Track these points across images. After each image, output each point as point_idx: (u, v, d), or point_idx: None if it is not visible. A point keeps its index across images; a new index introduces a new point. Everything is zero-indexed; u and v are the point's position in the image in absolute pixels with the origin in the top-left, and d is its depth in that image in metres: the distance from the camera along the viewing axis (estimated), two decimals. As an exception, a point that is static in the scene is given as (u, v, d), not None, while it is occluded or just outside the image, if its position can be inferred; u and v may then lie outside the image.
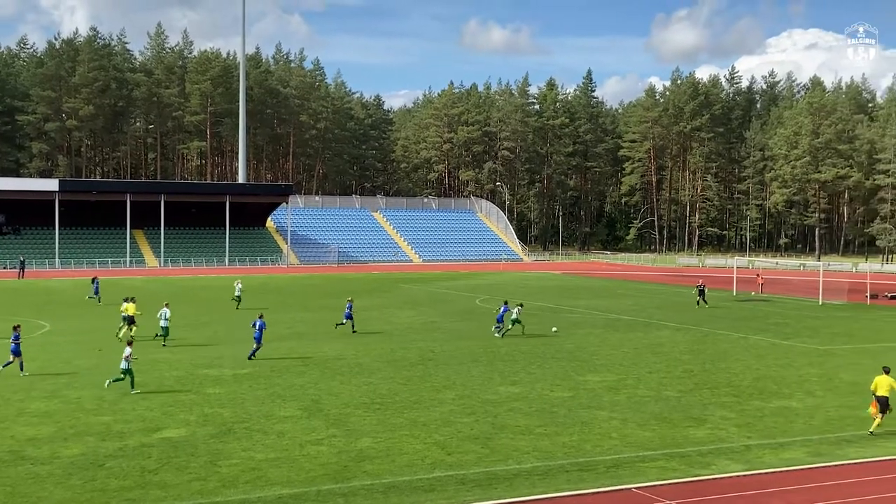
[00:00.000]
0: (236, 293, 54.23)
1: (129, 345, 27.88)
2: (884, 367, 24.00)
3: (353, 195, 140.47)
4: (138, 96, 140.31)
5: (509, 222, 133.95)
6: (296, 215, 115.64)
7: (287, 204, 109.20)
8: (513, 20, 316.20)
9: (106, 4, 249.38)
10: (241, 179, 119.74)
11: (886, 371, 23.48)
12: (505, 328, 41.15)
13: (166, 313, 37.99)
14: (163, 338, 37.62)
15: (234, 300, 53.77)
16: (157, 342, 37.67)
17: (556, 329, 43.41)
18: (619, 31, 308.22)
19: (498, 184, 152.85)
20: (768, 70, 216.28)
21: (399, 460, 20.18)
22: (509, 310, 42.26)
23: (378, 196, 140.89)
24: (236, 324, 45.21)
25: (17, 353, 30.26)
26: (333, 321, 46.56)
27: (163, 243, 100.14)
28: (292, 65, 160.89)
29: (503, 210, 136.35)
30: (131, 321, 38.55)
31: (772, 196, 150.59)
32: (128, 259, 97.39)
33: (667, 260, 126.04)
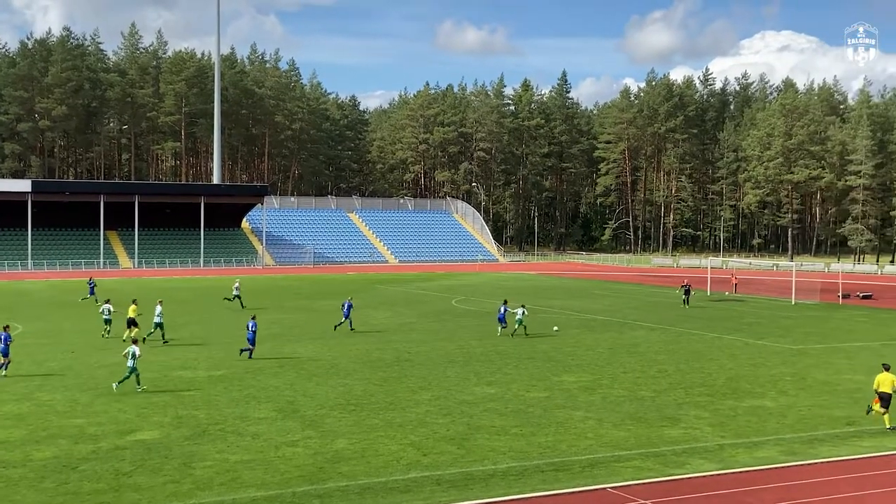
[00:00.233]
0: (234, 293, 54.76)
1: (135, 343, 28.22)
2: (883, 364, 24.33)
3: (329, 196, 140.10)
4: (112, 97, 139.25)
5: (485, 223, 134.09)
6: (271, 216, 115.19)
7: (262, 205, 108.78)
8: (488, 21, 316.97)
9: (79, 4, 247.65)
10: (215, 180, 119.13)
11: (886, 368, 23.86)
12: (512, 329, 41.58)
13: (159, 310, 38.76)
14: (160, 337, 38.18)
15: (232, 299, 54.21)
16: (152, 342, 37.63)
17: (557, 329, 43.75)
18: (594, 33, 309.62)
19: (474, 184, 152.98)
20: (742, 72, 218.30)
21: (375, 461, 20.14)
22: (509, 309, 42.64)
23: (354, 197, 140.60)
24: (211, 325, 44.99)
25: (6, 353, 30.17)
26: (309, 323, 46.45)
27: (137, 244, 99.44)
28: (267, 65, 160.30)
29: (479, 211, 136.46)
30: (132, 323, 38.77)
31: (745, 197, 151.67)
32: (101, 260, 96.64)
33: (642, 260, 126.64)
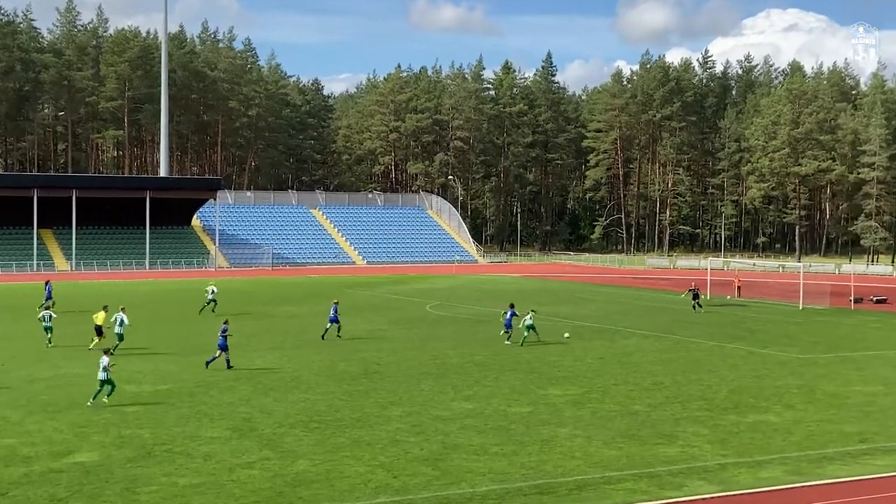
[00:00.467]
0: (209, 297, 54.79)
1: (106, 354, 28.46)
2: None
3: (289, 190, 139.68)
4: (46, 79, 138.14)
5: (462, 220, 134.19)
6: (225, 213, 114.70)
7: (215, 200, 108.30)
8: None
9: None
10: (163, 173, 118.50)
11: None
12: (522, 336, 41.78)
13: (122, 318, 38.80)
14: (115, 344, 37.99)
15: (207, 304, 54.26)
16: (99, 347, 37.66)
17: (567, 335, 44.05)
18: (582, 10, 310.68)
19: (450, 177, 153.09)
20: (744, 54, 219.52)
21: (339, 484, 20.09)
22: (516, 314, 42.91)
23: (317, 191, 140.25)
24: (158, 334, 44.77)
25: None
26: (267, 331, 46.28)
27: (74, 244, 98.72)
28: (220, 45, 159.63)
29: (456, 206, 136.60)
30: (99, 332, 38.89)
31: (748, 191, 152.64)
32: (35, 262, 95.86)
33: (635, 261, 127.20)
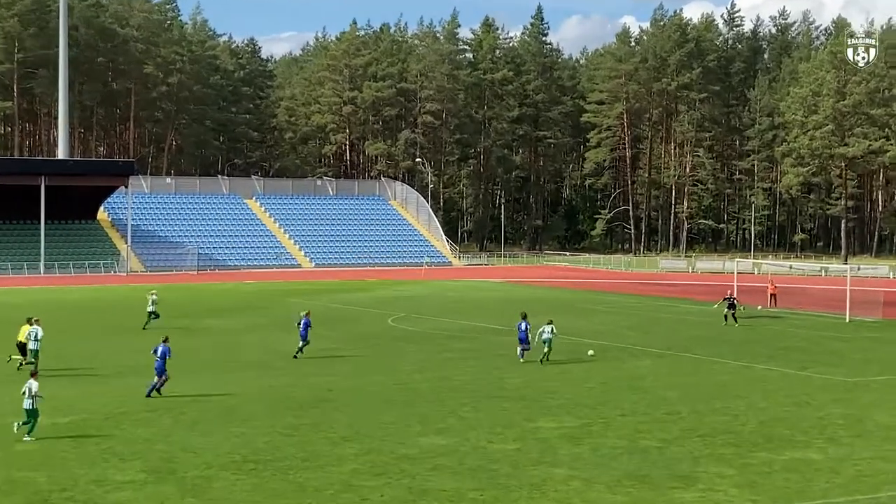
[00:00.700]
0: (150, 307, 55.28)
1: (33, 376, 28.50)
2: None
3: (219, 176, 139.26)
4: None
5: (433, 213, 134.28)
6: (139, 203, 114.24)
7: (126, 188, 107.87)
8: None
9: None
10: (61, 155, 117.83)
11: None
12: (540, 351, 42.50)
13: (37, 332, 39.45)
14: (32, 363, 38.25)
15: (149, 315, 54.85)
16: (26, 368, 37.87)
17: (592, 353, 44.67)
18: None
19: (418, 160, 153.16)
20: (779, 9, 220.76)
21: (282, 540, 20.06)
22: (530, 325, 43.39)
23: (254, 177, 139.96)
24: (57, 354, 44.43)
25: None
26: (191, 350, 46.05)
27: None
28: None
29: (425, 196, 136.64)
30: (24, 350, 39.78)
31: (784, 177, 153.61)
32: None
33: (645, 263, 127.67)
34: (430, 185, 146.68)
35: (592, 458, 26.41)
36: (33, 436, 27.90)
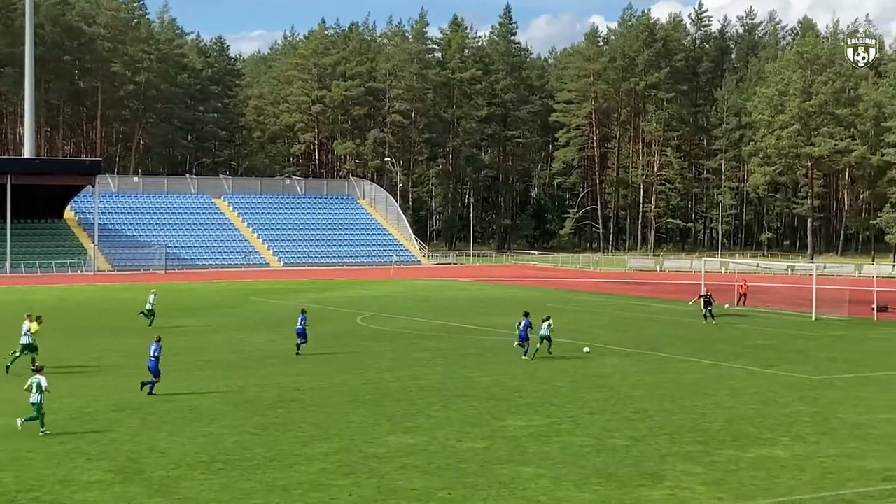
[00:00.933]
0: (148, 306, 55.81)
1: (39, 372, 29.13)
2: None
3: (187, 175, 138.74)
4: None
5: (402, 212, 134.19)
6: (106, 203, 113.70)
7: (93, 187, 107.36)
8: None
9: None
10: (28, 153, 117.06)
11: None
12: (532, 348, 43.20)
13: (27, 327, 40.35)
14: (25, 355, 39.73)
15: (144, 315, 55.49)
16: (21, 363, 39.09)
17: (588, 350, 45.14)
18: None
19: (387, 159, 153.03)
20: (746, 9, 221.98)
21: (250, 539, 20.03)
22: (531, 323, 43.89)
23: (222, 176, 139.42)
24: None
25: None
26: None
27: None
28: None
29: (394, 195, 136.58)
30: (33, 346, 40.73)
31: (751, 176, 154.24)
32: None
33: (614, 262, 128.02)
34: (399, 185, 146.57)
35: (561, 457, 26.47)
36: (47, 428, 28.51)
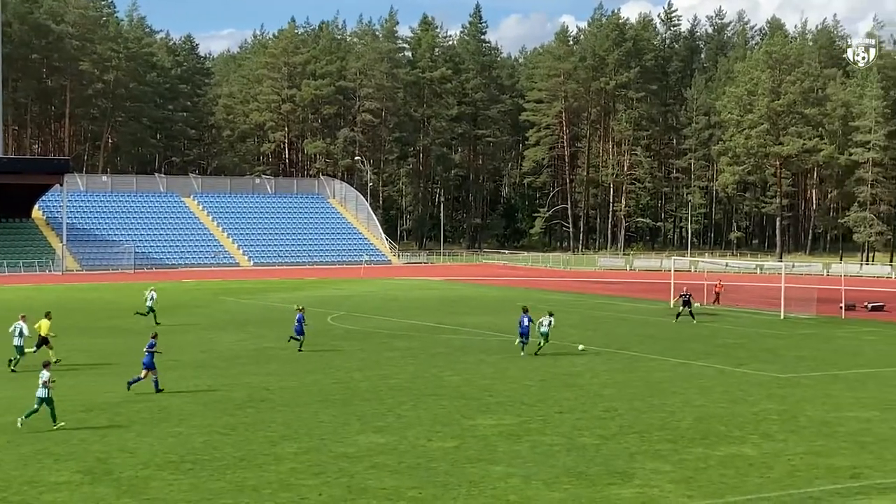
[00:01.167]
0: (147, 303, 56.21)
1: (46, 367, 29.69)
2: None
3: (156, 174, 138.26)
4: None
5: (373, 211, 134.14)
6: (74, 202, 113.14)
7: (62, 186, 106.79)
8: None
9: None
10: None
11: None
12: (536, 345, 43.90)
13: (21, 328, 40.58)
14: (16, 360, 40.05)
15: (147, 313, 55.87)
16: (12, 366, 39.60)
17: (582, 347, 45.89)
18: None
19: (357, 158, 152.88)
20: (715, 8, 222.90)
21: (220, 540, 19.99)
22: (533, 320, 44.37)
23: (191, 175, 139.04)
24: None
25: None
26: (128, 351, 45.78)
27: None
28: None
29: (364, 194, 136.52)
30: (45, 342, 40.71)
31: (720, 175, 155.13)
32: None
33: (584, 261, 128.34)
34: (370, 184, 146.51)
35: (531, 456, 26.53)
36: (59, 421, 29.09)
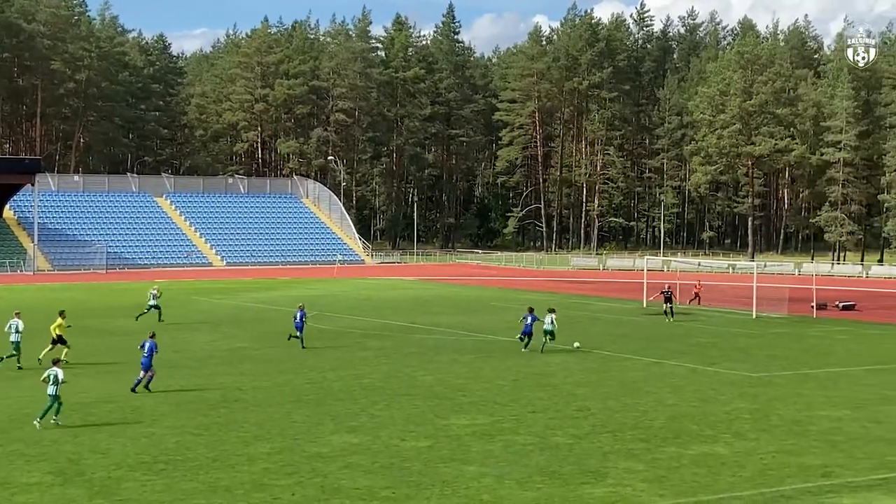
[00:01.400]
0: (150, 301, 56.80)
1: (56, 364, 30.14)
2: None
3: (128, 174, 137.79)
4: None
5: (346, 211, 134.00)
6: (46, 202, 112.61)
7: (33, 185, 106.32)
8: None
9: None
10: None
11: None
12: (541, 343, 44.42)
13: (17, 325, 40.82)
14: (15, 357, 40.12)
15: (147, 311, 56.47)
16: (11, 363, 39.76)
17: (577, 345, 45.91)
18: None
19: (331, 158, 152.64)
20: (687, 9, 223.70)
21: (192, 541, 19.93)
22: (538, 319, 44.70)
23: (164, 175, 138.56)
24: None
25: None
26: (100, 350, 45.65)
27: None
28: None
29: (338, 194, 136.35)
30: (60, 340, 40.98)
31: (693, 175, 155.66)
32: None
33: (557, 260, 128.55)
34: (343, 184, 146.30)
35: (504, 455, 26.56)
36: (60, 418, 29.33)
